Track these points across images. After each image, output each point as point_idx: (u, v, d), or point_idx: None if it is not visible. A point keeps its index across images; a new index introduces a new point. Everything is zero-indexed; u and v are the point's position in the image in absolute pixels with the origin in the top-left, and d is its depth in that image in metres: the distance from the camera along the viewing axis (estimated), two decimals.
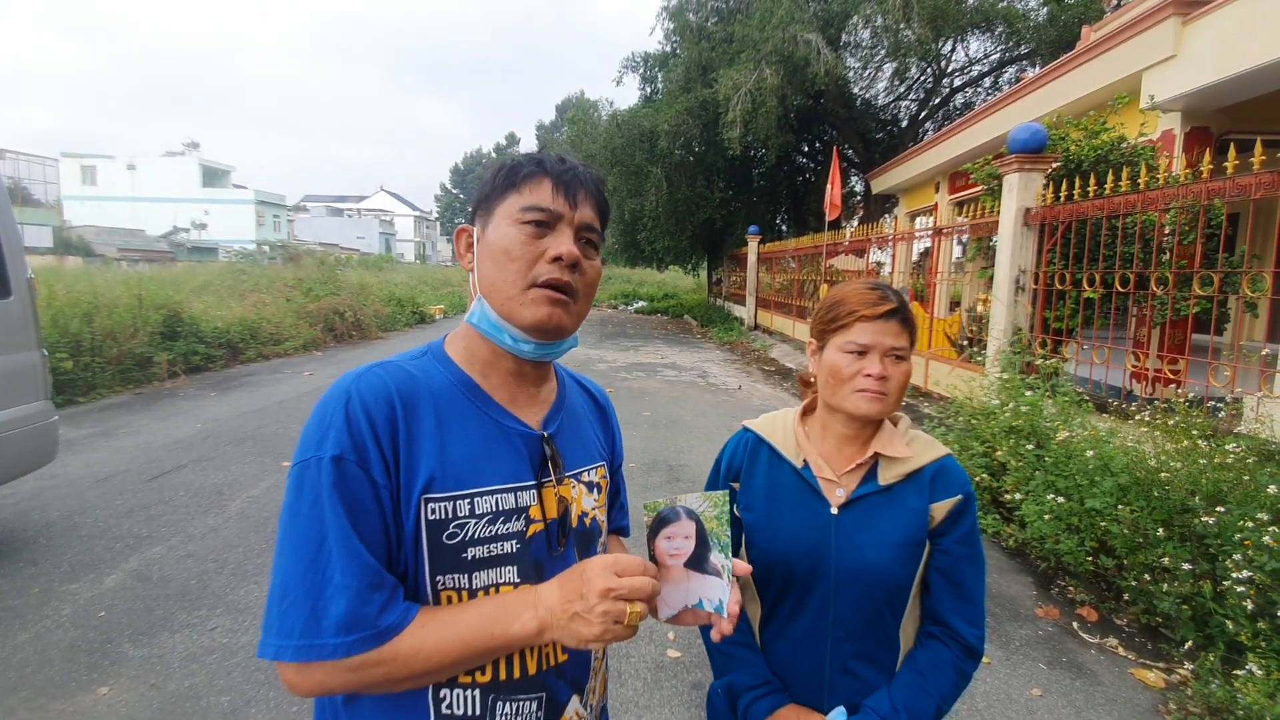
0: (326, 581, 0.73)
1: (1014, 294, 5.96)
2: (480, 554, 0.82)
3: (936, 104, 18.40)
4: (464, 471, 0.82)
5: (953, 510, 1.11)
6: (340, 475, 0.76)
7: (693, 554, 0.89)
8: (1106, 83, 7.32)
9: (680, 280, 35.23)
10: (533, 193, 0.86)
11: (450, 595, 0.82)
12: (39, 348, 3.69)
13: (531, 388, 0.94)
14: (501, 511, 0.84)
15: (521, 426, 0.90)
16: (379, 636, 0.74)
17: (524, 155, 0.91)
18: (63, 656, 2.70)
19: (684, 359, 12.57)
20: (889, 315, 1.08)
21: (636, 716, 2.48)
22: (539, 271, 0.84)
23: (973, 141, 10.44)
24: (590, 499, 0.96)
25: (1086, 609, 3.36)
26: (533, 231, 0.85)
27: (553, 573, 0.87)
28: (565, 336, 0.90)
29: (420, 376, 0.87)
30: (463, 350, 0.92)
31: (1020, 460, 3.97)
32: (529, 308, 0.84)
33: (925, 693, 1.06)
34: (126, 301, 8.76)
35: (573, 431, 0.97)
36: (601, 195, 0.93)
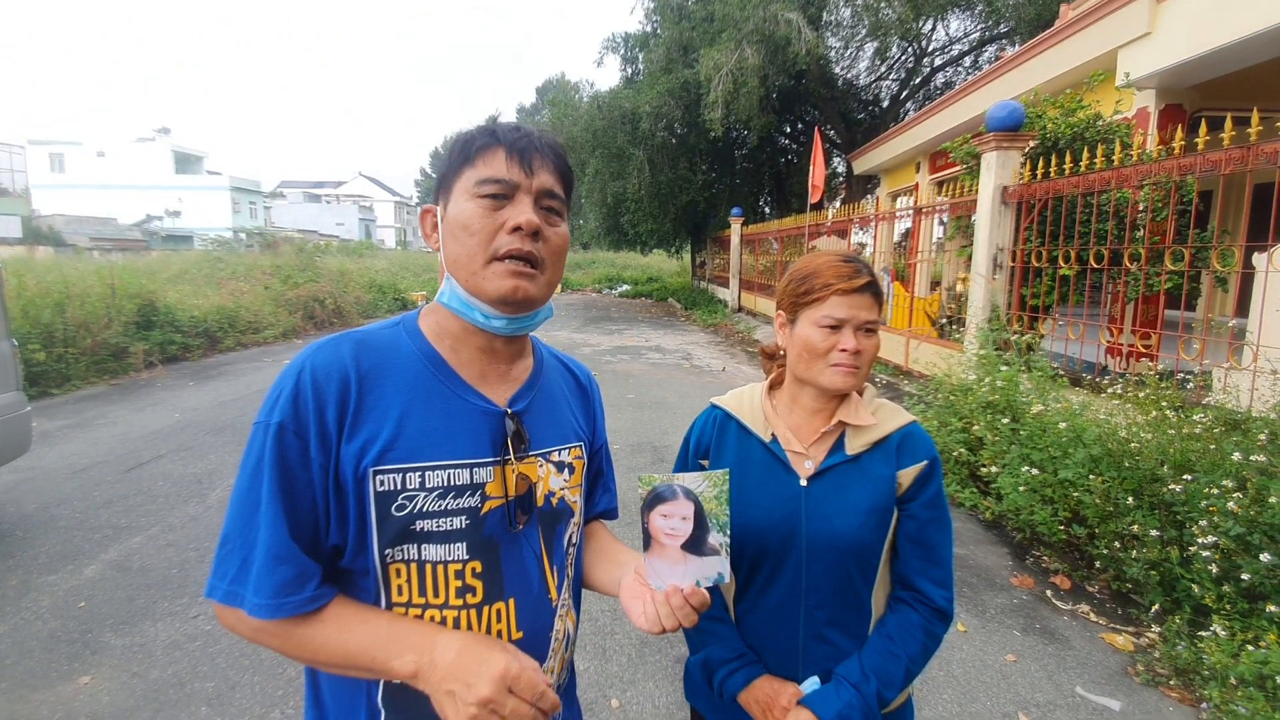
0: (254, 543, 0.77)
1: (992, 272, 6.02)
2: (430, 527, 0.82)
3: (917, 84, 18.40)
4: (418, 445, 0.82)
5: (919, 475, 1.13)
6: (280, 444, 0.78)
7: (691, 536, 0.88)
8: (1083, 60, 7.36)
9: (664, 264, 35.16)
10: (487, 164, 0.85)
11: (399, 568, 0.82)
12: (8, 338, 3.61)
13: (503, 364, 0.93)
14: (453, 486, 0.83)
15: (485, 403, 0.89)
16: (276, 609, 0.76)
17: (478, 127, 0.89)
18: (42, 647, 2.68)
19: (668, 342, 12.59)
20: (863, 289, 1.09)
21: (621, 691, 2.52)
22: (499, 243, 0.83)
23: (953, 120, 10.47)
24: (560, 479, 0.95)
25: (1060, 577, 3.45)
26: (490, 204, 0.84)
27: (511, 551, 0.87)
28: (535, 308, 0.89)
29: (389, 348, 0.87)
30: (434, 325, 0.91)
31: (996, 434, 4.05)
32: (492, 281, 0.83)
33: (894, 656, 1.08)
34: (99, 291, 8.60)
35: (545, 410, 0.96)
36: (562, 160, 0.91)
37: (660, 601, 0.84)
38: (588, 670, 2.65)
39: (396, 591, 0.83)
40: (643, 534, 0.89)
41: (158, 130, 43.56)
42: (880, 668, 1.07)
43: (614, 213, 20.62)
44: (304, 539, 0.80)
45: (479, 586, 0.85)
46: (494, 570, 0.86)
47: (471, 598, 0.84)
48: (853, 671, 1.08)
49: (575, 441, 0.99)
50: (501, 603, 0.86)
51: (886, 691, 1.06)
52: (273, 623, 0.77)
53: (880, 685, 1.06)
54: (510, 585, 0.87)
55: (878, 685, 1.05)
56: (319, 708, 0.88)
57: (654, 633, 0.85)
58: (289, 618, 0.77)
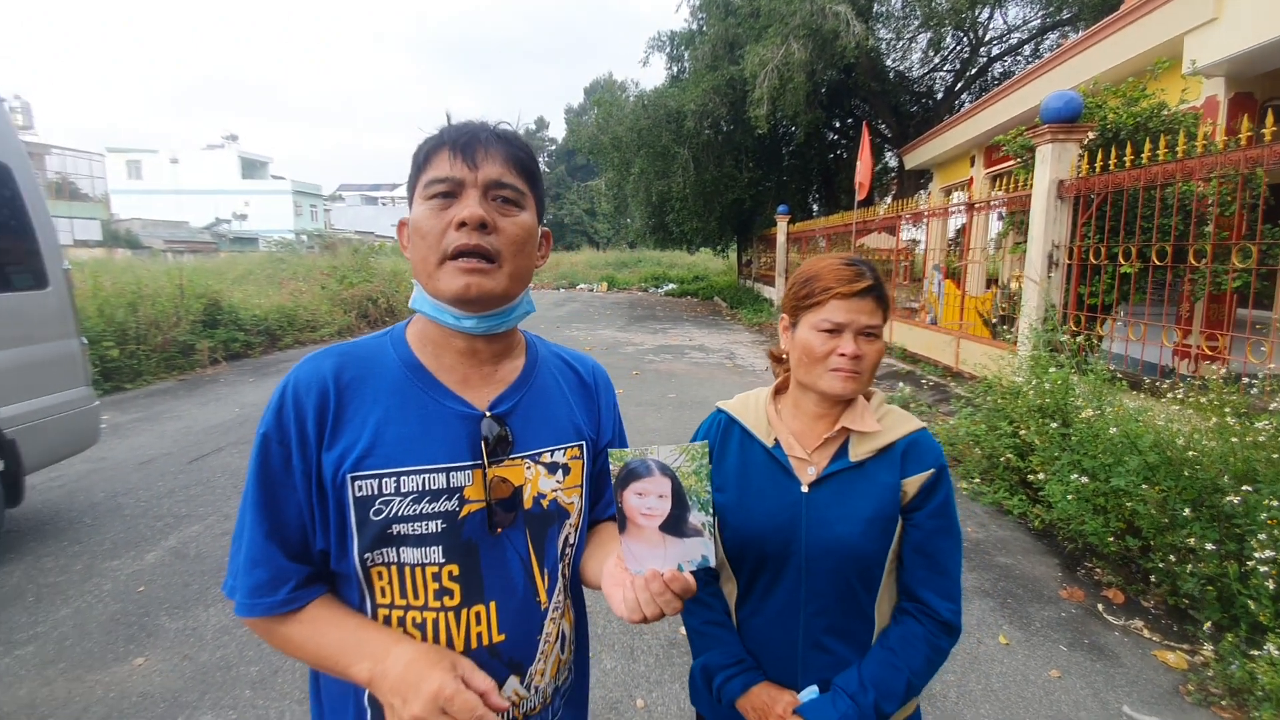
0: (241, 545, 0.84)
1: (1047, 269, 5.76)
2: (406, 530, 0.83)
3: (973, 74, 17.74)
4: (395, 451, 0.84)
5: (925, 484, 1.10)
6: (265, 452, 0.83)
7: (670, 516, 0.81)
8: (1147, 47, 6.96)
9: (710, 262, 34.91)
10: (435, 166, 0.85)
11: (381, 570, 0.85)
12: (78, 336, 3.86)
13: (487, 366, 0.93)
14: (428, 491, 0.84)
15: (464, 407, 0.89)
16: (250, 609, 0.82)
17: (430, 133, 0.89)
18: (101, 630, 2.86)
19: (712, 341, 12.52)
20: (864, 293, 1.06)
21: (647, 691, 2.52)
22: (448, 241, 0.83)
23: (1010, 112, 10.06)
24: (551, 481, 0.93)
25: (1113, 591, 3.28)
26: (439, 204, 0.84)
27: (492, 554, 0.87)
28: (501, 303, 0.88)
29: (372, 359, 0.90)
30: (418, 333, 0.93)
31: (1045, 439, 3.88)
32: (445, 281, 0.84)
33: (895, 668, 1.05)
34: (169, 291, 9.09)
35: (536, 410, 0.95)
36: (516, 149, 0.88)
37: (640, 587, 0.80)
38: (615, 669, 2.66)
39: (380, 593, 0.85)
40: (617, 515, 0.82)
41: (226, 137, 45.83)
42: (880, 679, 1.04)
43: (659, 212, 20.58)
44: (289, 543, 0.84)
45: (456, 589, 0.85)
46: (473, 573, 0.86)
47: (449, 600, 0.85)
48: (850, 682, 1.05)
49: (573, 441, 0.97)
50: (481, 605, 0.86)
51: (885, 704, 1.03)
52: (256, 620, 0.83)
53: (879, 697, 1.03)
54: (491, 588, 0.87)
55: (876, 697, 1.03)
56: (319, 702, 0.93)
57: (634, 621, 0.80)
58: (263, 617, 0.83)
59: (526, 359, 0.99)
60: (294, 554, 0.84)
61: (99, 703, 2.39)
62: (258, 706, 2.40)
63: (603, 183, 22.87)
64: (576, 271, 31.64)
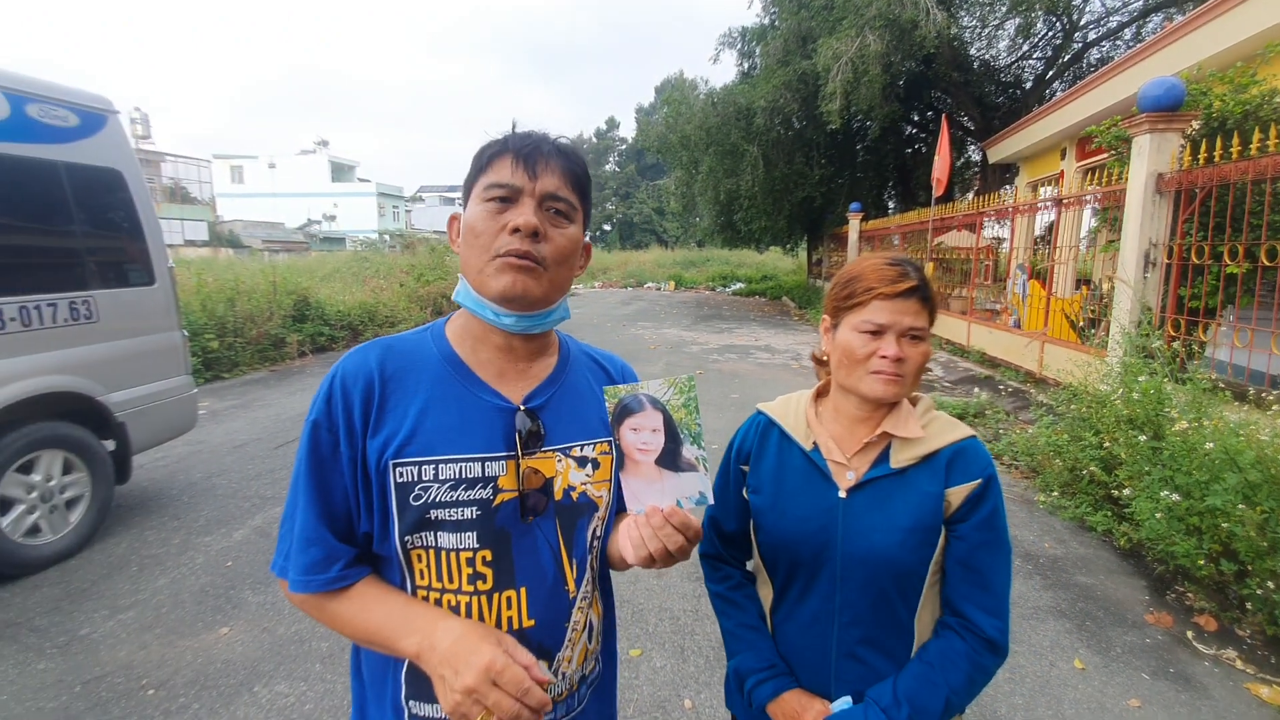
0: (294, 526, 0.89)
1: (1143, 269, 5.36)
2: (443, 516, 0.88)
3: (1066, 61, 16.63)
4: (435, 440, 0.88)
5: (971, 495, 1.05)
6: (315, 438, 0.89)
7: (664, 450, 0.84)
8: (1257, 30, 6.33)
9: (779, 261, 34.30)
10: (496, 171, 0.89)
11: (420, 553, 0.89)
12: (180, 329, 4.20)
13: (522, 363, 0.97)
14: (465, 479, 0.88)
15: (499, 400, 0.93)
16: (305, 585, 0.87)
17: (496, 137, 0.93)
18: (193, 600, 3.11)
19: (779, 341, 12.31)
20: (908, 294, 1.03)
21: (695, 692, 2.52)
22: (500, 244, 0.87)
23: (1106, 100, 9.38)
24: (581, 474, 0.97)
25: (1205, 618, 3.03)
26: (495, 207, 0.88)
27: (524, 542, 0.91)
28: (541, 306, 0.92)
29: (414, 352, 0.95)
30: (459, 328, 0.98)
31: (1134, 452, 3.61)
32: (493, 278, 0.88)
33: (933, 684, 1.01)
34: (264, 288, 9.74)
35: (568, 406, 0.99)
36: (573, 164, 0.93)
37: (640, 524, 0.84)
38: (664, 668, 2.67)
39: (419, 575, 0.90)
40: (615, 452, 0.89)
41: (318, 143, 48.64)
42: (915, 694, 1.01)
43: (727, 210, 20.37)
44: (337, 525, 0.89)
45: (489, 574, 0.89)
46: (505, 559, 0.90)
47: (482, 584, 0.89)
48: (884, 695, 1.02)
49: (601, 437, 1.00)
50: (512, 590, 0.90)
51: None
52: (306, 596, 0.88)
53: (913, 713, 0.99)
54: (522, 574, 0.91)
55: (910, 713, 0.99)
56: (360, 678, 0.98)
57: (642, 562, 0.83)
58: (316, 593, 0.88)
59: (559, 357, 1.03)
60: (342, 535, 0.89)
61: (188, 667, 2.60)
62: (326, 680, 2.54)
63: (671, 182, 22.87)
64: (644, 270, 31.78)
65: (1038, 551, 3.78)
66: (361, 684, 0.97)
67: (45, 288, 3.39)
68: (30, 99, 3.39)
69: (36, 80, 3.47)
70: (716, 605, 1.24)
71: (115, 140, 3.83)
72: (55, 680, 2.51)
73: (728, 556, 1.25)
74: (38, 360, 3.33)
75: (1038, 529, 4.08)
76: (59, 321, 3.43)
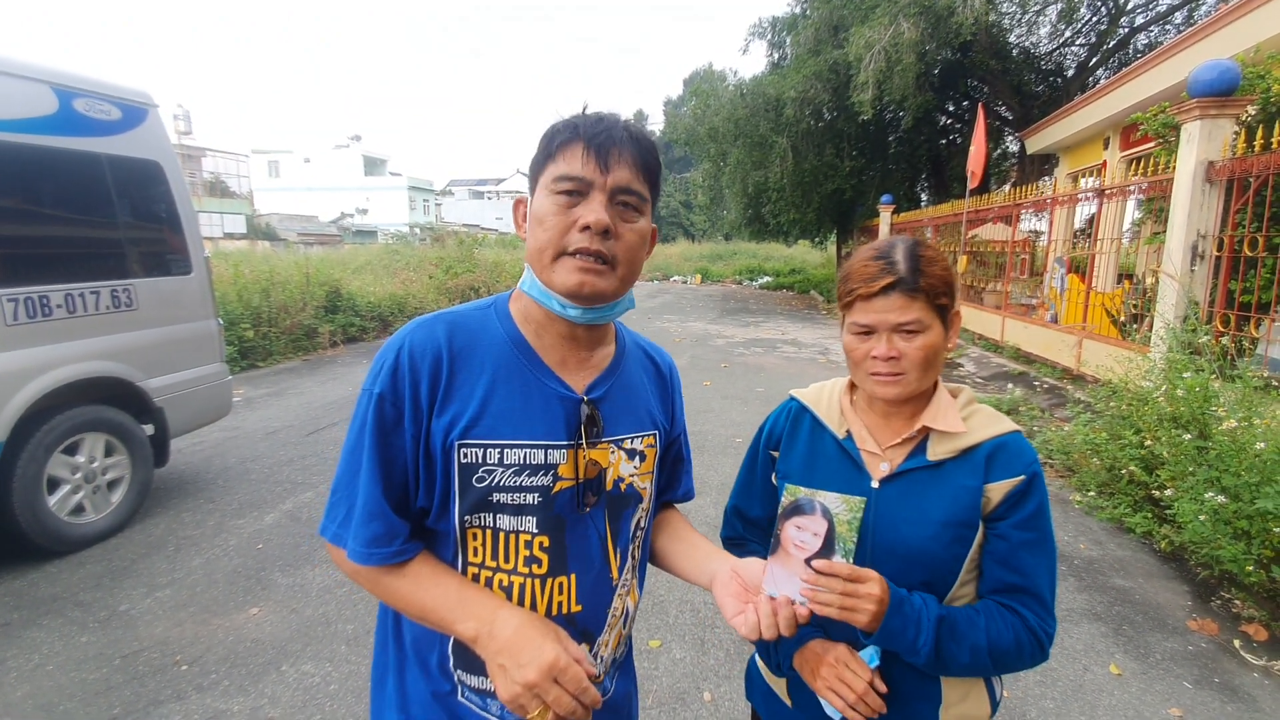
0: (355, 497, 0.87)
1: (1190, 262, 5.16)
2: (505, 500, 0.88)
3: (1111, 47, 16.04)
4: (500, 424, 0.88)
5: (1012, 492, 1.00)
6: (380, 411, 0.87)
7: (816, 553, 0.92)
8: None
9: (808, 255, 33.86)
10: (566, 161, 0.86)
11: (476, 532, 0.89)
12: (215, 318, 4.29)
13: (584, 351, 0.96)
14: (528, 465, 0.88)
15: (564, 389, 0.92)
16: (367, 557, 0.86)
17: (564, 120, 0.89)
18: (226, 580, 3.18)
19: (806, 335, 12.18)
20: (887, 290, 0.97)
21: (715, 685, 2.50)
22: (569, 240, 0.85)
23: (1154, 86, 9.01)
24: (629, 465, 0.97)
25: (1254, 626, 2.91)
26: (565, 201, 0.85)
27: (576, 529, 0.92)
28: (607, 301, 0.90)
29: (480, 330, 0.93)
30: (521, 310, 0.96)
31: (1178, 452, 3.48)
32: (560, 275, 0.86)
33: (974, 625, 0.97)
34: (297, 280, 9.93)
35: (622, 398, 0.98)
36: (646, 153, 0.89)
37: (767, 612, 0.88)
38: (684, 660, 2.65)
39: (472, 553, 0.90)
40: (772, 539, 0.95)
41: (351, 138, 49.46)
42: (954, 621, 0.96)
43: (755, 203, 20.16)
44: (395, 499, 0.88)
45: (545, 559, 0.90)
46: (559, 546, 0.91)
47: (537, 568, 0.90)
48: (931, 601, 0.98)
49: (650, 430, 1.01)
50: (564, 576, 0.91)
51: (951, 646, 0.95)
52: (365, 568, 0.87)
53: (948, 634, 0.95)
54: (574, 561, 0.92)
55: (946, 631, 0.95)
56: (399, 643, 0.97)
57: (750, 638, 0.89)
58: (377, 566, 0.87)
59: (617, 348, 1.02)
60: (399, 509, 0.88)
61: (219, 645, 2.67)
62: (351, 661, 2.58)
63: (698, 174, 22.71)
64: (671, 263, 31.68)
65: (1073, 553, 3.67)
66: (401, 649, 0.96)
67: (88, 276, 3.50)
68: (77, 94, 3.49)
69: (82, 76, 3.56)
70: None
71: (155, 133, 3.92)
72: (96, 653, 2.60)
73: (751, 539, 1.23)
74: (81, 346, 3.43)
75: (1073, 529, 3.96)
76: (101, 309, 3.53)
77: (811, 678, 1.03)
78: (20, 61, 3.29)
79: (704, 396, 7.04)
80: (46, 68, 3.38)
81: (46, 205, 3.37)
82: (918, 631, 0.94)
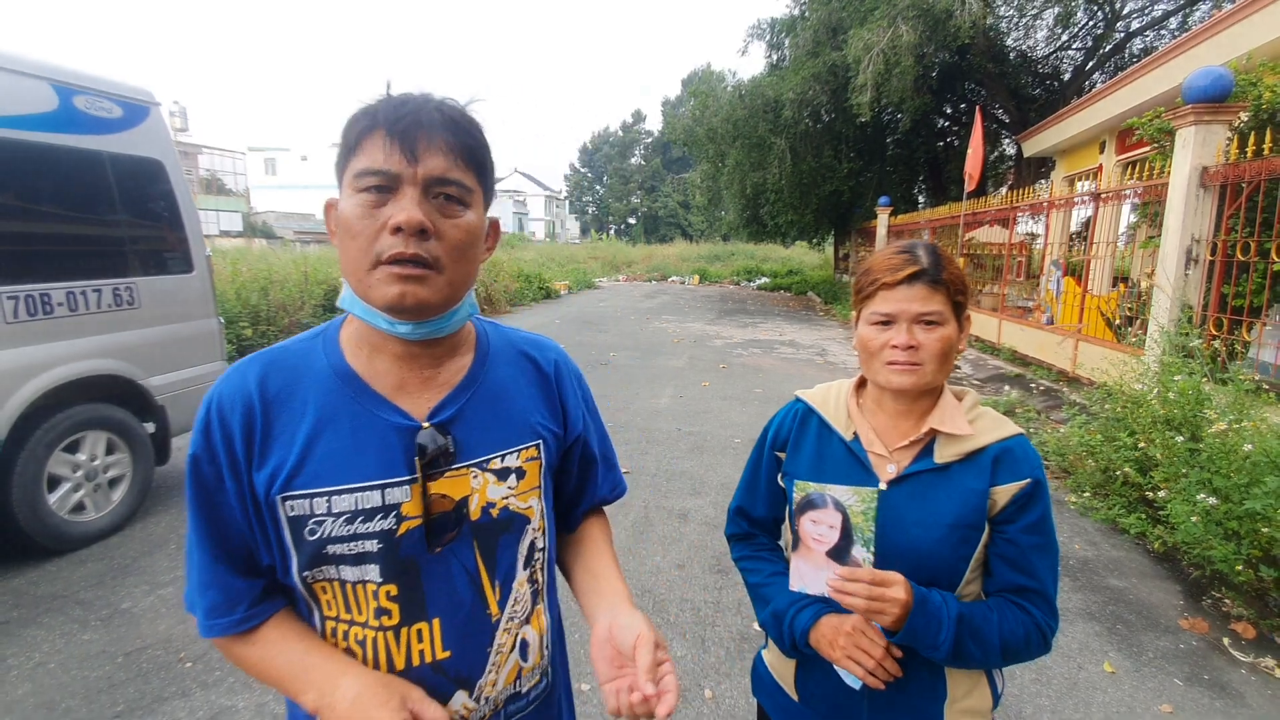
0: (191, 567, 0.83)
1: (1184, 266, 5.21)
2: (342, 551, 0.79)
3: (1107, 52, 16.14)
4: (325, 469, 0.79)
5: (1018, 496, 1.03)
6: (198, 474, 0.81)
7: (835, 545, 0.97)
8: None
9: (806, 256, 33.96)
10: (368, 153, 0.75)
11: (324, 585, 0.82)
12: (216, 316, 4.30)
13: (427, 370, 0.86)
14: (362, 510, 0.79)
15: (399, 418, 0.82)
16: (208, 629, 0.82)
17: (363, 107, 0.78)
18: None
19: (803, 336, 12.22)
20: (912, 279, 1.01)
21: (715, 682, 2.53)
22: (381, 247, 0.74)
23: (1149, 91, 9.10)
24: (501, 488, 0.87)
25: (1243, 624, 2.95)
26: (371, 200, 0.75)
27: (435, 571, 0.83)
28: (438, 312, 0.80)
29: (302, 366, 0.84)
30: (354, 333, 0.85)
31: (1170, 453, 3.52)
32: (377, 288, 0.76)
33: (989, 620, 1.00)
34: (295, 278, 9.93)
35: (485, 413, 0.88)
36: (464, 134, 0.78)
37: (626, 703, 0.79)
38: (685, 658, 2.68)
39: (326, 606, 0.83)
40: (792, 536, 1.00)
41: None
42: (973, 618, 0.99)
43: (753, 204, 20.23)
44: (236, 562, 0.82)
45: (395, 609, 0.82)
46: (413, 591, 0.82)
47: (388, 620, 0.81)
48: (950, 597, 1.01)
49: (529, 441, 0.91)
50: (423, 623, 0.83)
51: (969, 642, 0.98)
52: (216, 640, 0.83)
53: (967, 632, 0.98)
54: (435, 605, 0.83)
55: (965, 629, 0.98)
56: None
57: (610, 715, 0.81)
58: (221, 637, 0.82)
59: (475, 355, 0.91)
60: (243, 571, 0.82)
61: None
62: None
63: (697, 175, 22.76)
64: (669, 264, 31.73)
65: (1068, 553, 3.71)
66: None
67: (90, 274, 3.50)
68: (77, 91, 3.49)
69: (83, 73, 3.56)
70: (744, 568, 1.25)
71: (157, 131, 3.93)
72: (99, 651, 2.61)
73: (758, 534, 1.27)
74: (82, 344, 3.44)
75: (1068, 530, 4.01)
76: (103, 307, 3.54)
77: (830, 649, 1.04)
78: (20, 57, 3.29)
79: (702, 397, 7.07)
80: (47, 64, 3.39)
81: (47, 203, 3.37)
82: (939, 629, 0.97)
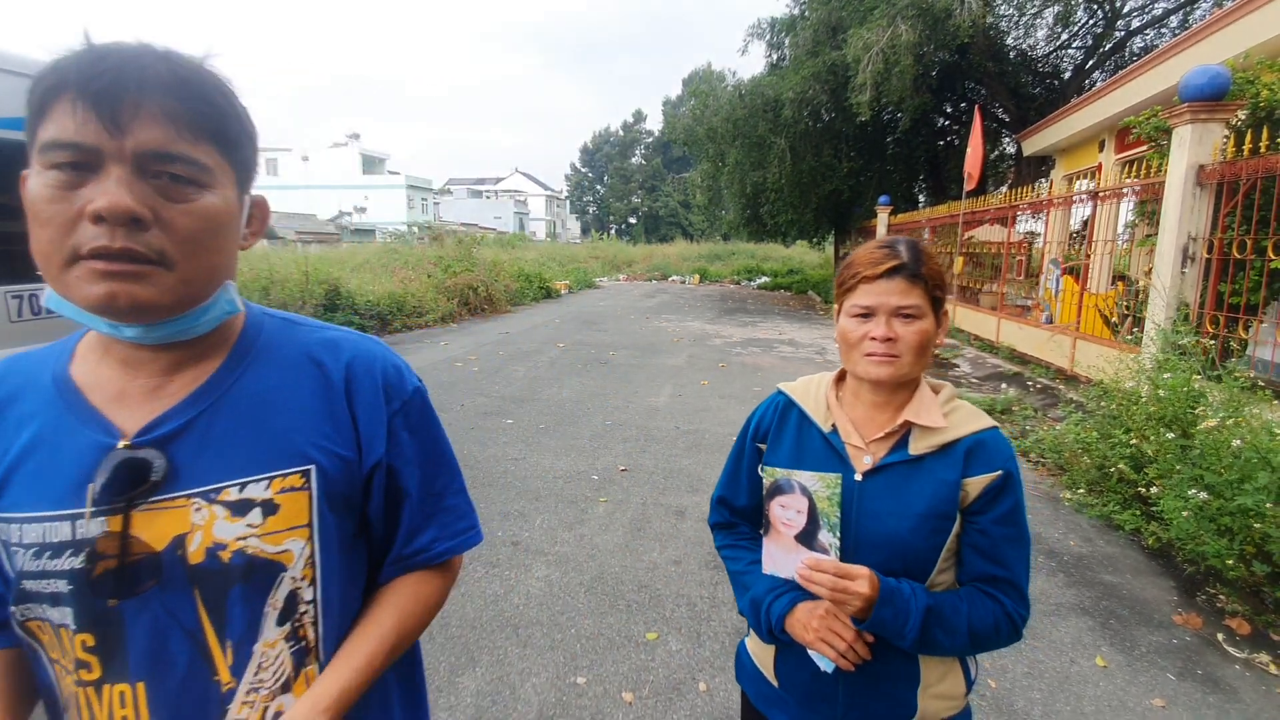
0: None
1: (1180, 264, 5.23)
2: (37, 589, 0.67)
3: (1107, 50, 16.15)
4: (24, 493, 0.67)
5: (989, 487, 1.05)
6: None
7: (803, 529, 1.01)
8: None
9: (806, 255, 33.98)
10: (57, 121, 0.59)
11: (40, 624, 0.69)
12: None
13: (155, 378, 0.70)
14: (50, 544, 0.66)
15: (102, 434, 0.68)
16: None
17: (53, 61, 0.61)
18: None
19: (803, 336, 12.24)
20: (891, 273, 1.04)
21: (710, 676, 2.55)
22: (79, 239, 0.60)
23: (1148, 90, 9.11)
24: (238, 525, 0.69)
25: (1237, 620, 2.97)
26: (64, 179, 0.60)
27: (140, 622, 0.67)
28: (174, 312, 0.66)
29: (35, 372, 0.73)
30: (94, 335, 0.73)
31: (1162, 450, 3.54)
32: (77, 287, 0.61)
33: (956, 609, 1.03)
34: (296, 278, 9.98)
35: (225, 430, 0.71)
36: (195, 98, 0.62)
37: None
38: (680, 651, 2.70)
39: (49, 647, 0.70)
40: (763, 521, 1.06)
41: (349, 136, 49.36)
42: (941, 610, 1.02)
43: (754, 203, 20.24)
44: None
45: (94, 662, 0.68)
46: (114, 645, 0.67)
47: (86, 674, 0.68)
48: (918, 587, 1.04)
49: (286, 468, 0.72)
50: (125, 685, 0.68)
51: (936, 632, 1.01)
52: None
53: (934, 622, 1.01)
54: (139, 666, 0.68)
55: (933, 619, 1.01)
56: None
57: None
58: None
59: (228, 358, 0.74)
60: None
61: None
62: None
63: (697, 174, 22.79)
64: (669, 263, 31.79)
65: (1062, 549, 3.73)
66: None
67: None
68: None
69: None
70: (726, 555, 1.27)
71: None
72: None
73: (739, 523, 1.29)
74: None
75: (1063, 526, 4.02)
76: None
77: (803, 633, 1.07)
78: (20, 57, 3.30)
79: (701, 395, 7.10)
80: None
81: None
82: (906, 620, 1.00)
